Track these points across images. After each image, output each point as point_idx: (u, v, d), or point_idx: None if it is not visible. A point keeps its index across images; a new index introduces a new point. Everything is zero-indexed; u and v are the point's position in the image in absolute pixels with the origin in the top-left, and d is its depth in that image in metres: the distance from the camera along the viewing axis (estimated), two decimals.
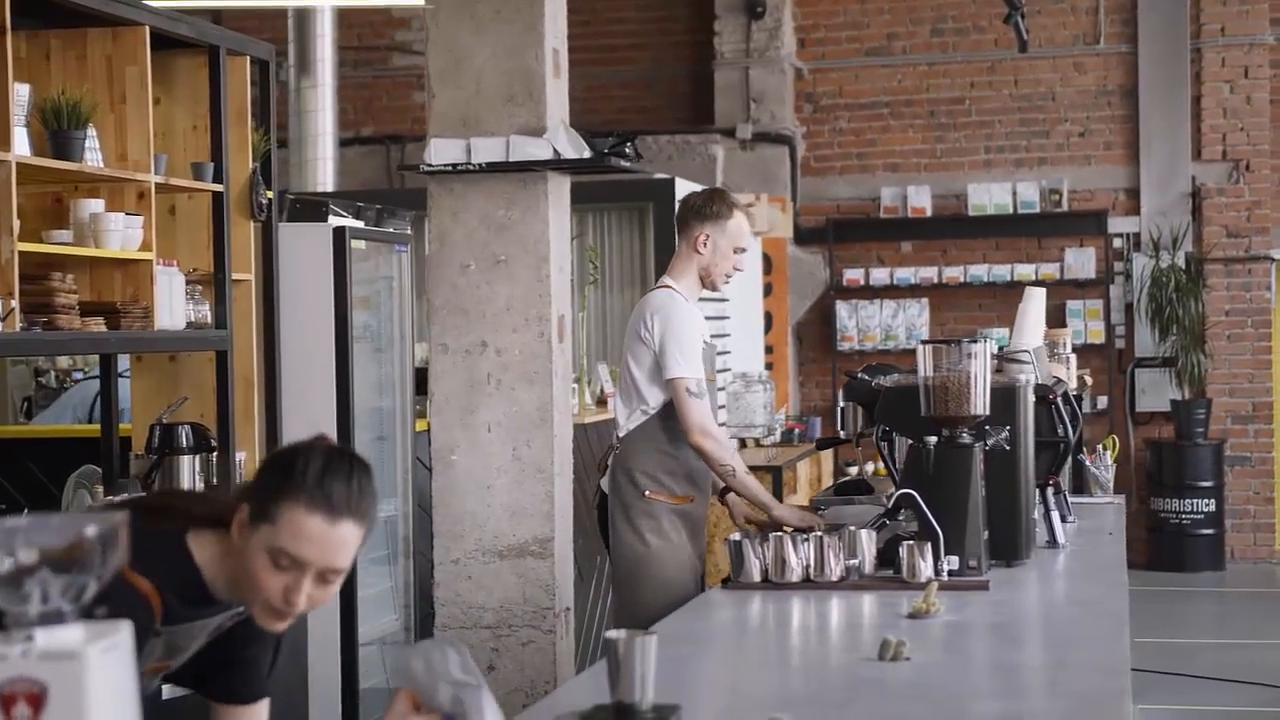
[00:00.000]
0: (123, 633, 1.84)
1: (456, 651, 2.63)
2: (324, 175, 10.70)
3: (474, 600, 5.69)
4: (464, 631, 5.63)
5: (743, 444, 10.25)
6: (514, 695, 5.53)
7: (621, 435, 5.39)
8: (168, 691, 4.71)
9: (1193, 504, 12.30)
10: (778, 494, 8.95)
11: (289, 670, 5.65)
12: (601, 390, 8.45)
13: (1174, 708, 8.24)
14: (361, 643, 6.50)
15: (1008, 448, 4.57)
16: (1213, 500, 12.32)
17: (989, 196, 12.85)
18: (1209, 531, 12.34)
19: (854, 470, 12.18)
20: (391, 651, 6.91)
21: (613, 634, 2.76)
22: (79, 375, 8.61)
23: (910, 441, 4.57)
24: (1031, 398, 4.75)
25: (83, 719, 1.77)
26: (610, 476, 5.41)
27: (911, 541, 4.27)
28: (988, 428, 4.53)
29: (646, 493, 5.27)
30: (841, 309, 13.02)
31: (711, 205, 5.39)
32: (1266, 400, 12.71)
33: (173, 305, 5.37)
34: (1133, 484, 12.68)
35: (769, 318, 12.42)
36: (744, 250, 5.44)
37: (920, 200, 12.97)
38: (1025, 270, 12.68)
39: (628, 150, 6.34)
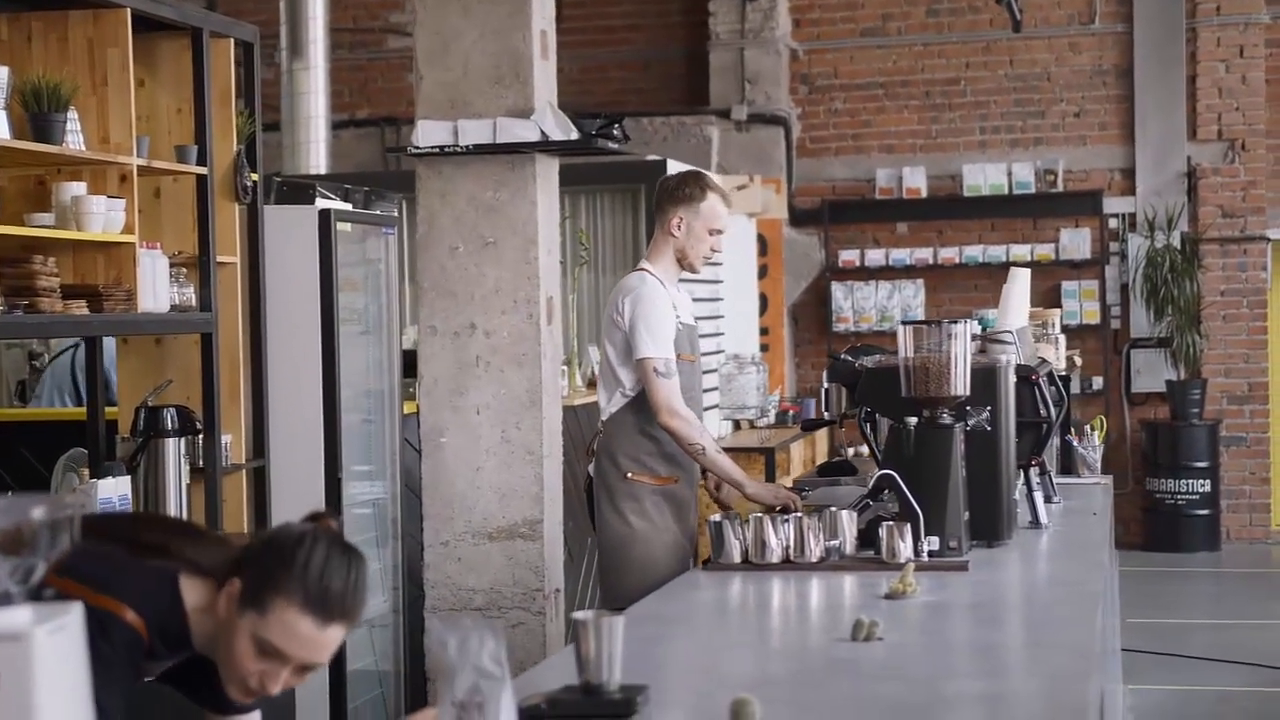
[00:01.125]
0: (72, 614, 1.84)
1: (494, 639, 2.63)
2: (316, 158, 10.69)
3: (463, 582, 5.70)
4: (453, 614, 5.64)
5: (736, 425, 10.27)
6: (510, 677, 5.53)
7: (603, 419, 5.41)
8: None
9: (1188, 484, 12.30)
10: (770, 476, 8.96)
11: None
12: (592, 372, 8.45)
13: (1167, 688, 8.25)
14: None
15: (988, 428, 4.57)
16: (1208, 481, 12.32)
17: (984, 177, 12.84)
18: (1204, 512, 12.35)
19: (849, 452, 12.19)
20: (380, 634, 6.92)
21: (580, 615, 2.77)
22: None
23: (891, 422, 4.57)
24: (1013, 378, 4.75)
25: (30, 700, 1.77)
26: (595, 459, 5.42)
27: (891, 522, 4.27)
28: (968, 408, 4.53)
29: (629, 474, 5.29)
30: (837, 290, 13.01)
31: (684, 188, 5.38)
32: (1262, 380, 12.71)
33: (156, 288, 5.37)
34: (1128, 464, 12.69)
35: (764, 299, 12.41)
36: (719, 232, 5.41)
37: (915, 181, 12.95)
38: (1020, 251, 12.67)
39: (615, 132, 6.31)
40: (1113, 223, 12.82)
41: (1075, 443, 6.54)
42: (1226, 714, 7.87)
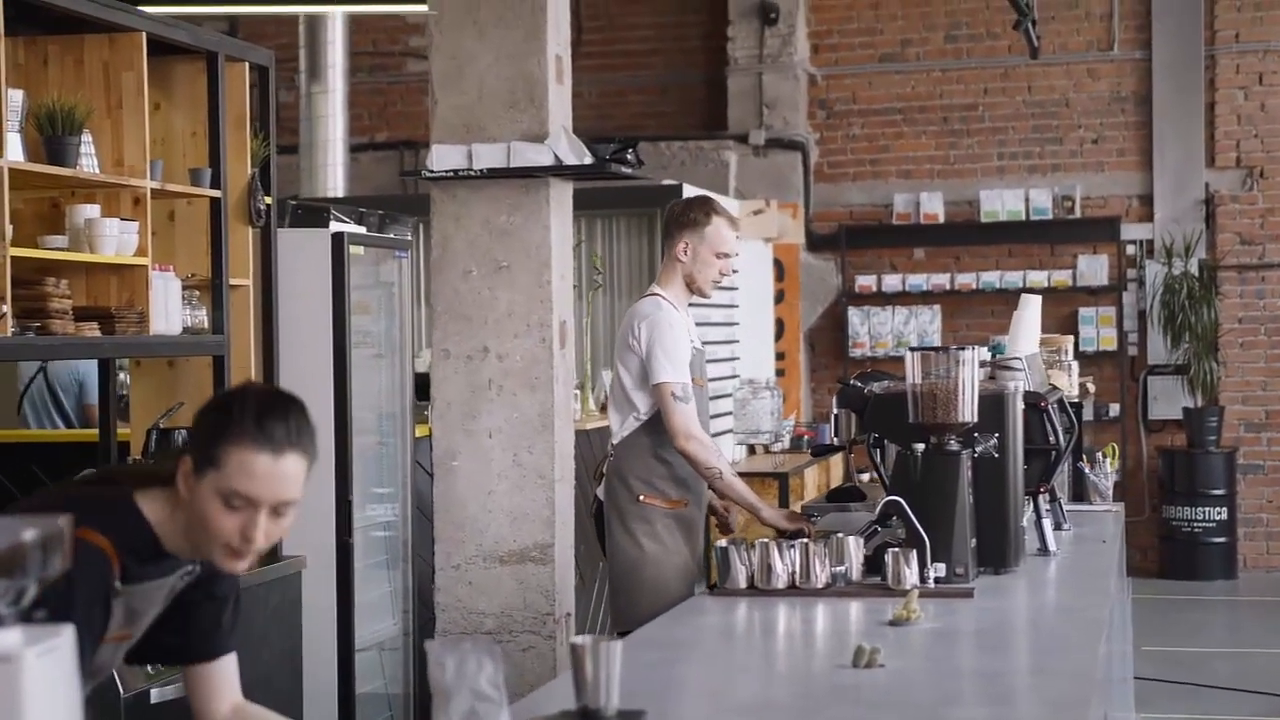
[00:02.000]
0: (62, 636, 1.85)
1: (492, 663, 2.65)
2: (334, 181, 10.73)
3: (474, 606, 5.70)
4: (452, 636, 5.64)
5: (750, 450, 10.26)
6: (514, 701, 5.54)
7: (615, 442, 5.42)
8: (157, 695, 4.75)
9: (1205, 512, 12.26)
10: (783, 501, 8.95)
11: (285, 672, 5.67)
12: (605, 396, 8.45)
13: (1183, 717, 8.21)
14: (359, 648, 6.51)
15: (996, 455, 4.56)
16: (1225, 508, 12.28)
17: (1002, 203, 12.83)
18: (1221, 540, 12.30)
19: (865, 477, 12.16)
20: (390, 657, 6.93)
21: (577, 639, 2.78)
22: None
23: (899, 448, 4.57)
24: (1021, 405, 4.74)
25: None
26: (605, 483, 5.44)
27: (897, 549, 4.27)
28: (976, 435, 4.53)
29: (640, 497, 5.31)
30: (854, 315, 13.01)
31: (689, 213, 5.42)
32: (1279, 408, 12.67)
33: (168, 310, 5.40)
34: (1145, 492, 12.65)
35: (781, 324, 12.42)
36: (727, 255, 5.43)
37: (933, 206, 12.96)
38: (1038, 277, 12.66)
39: (629, 156, 6.32)
40: (1130, 249, 12.80)
41: (1087, 470, 6.52)
42: None
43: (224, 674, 3.02)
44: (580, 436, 6.82)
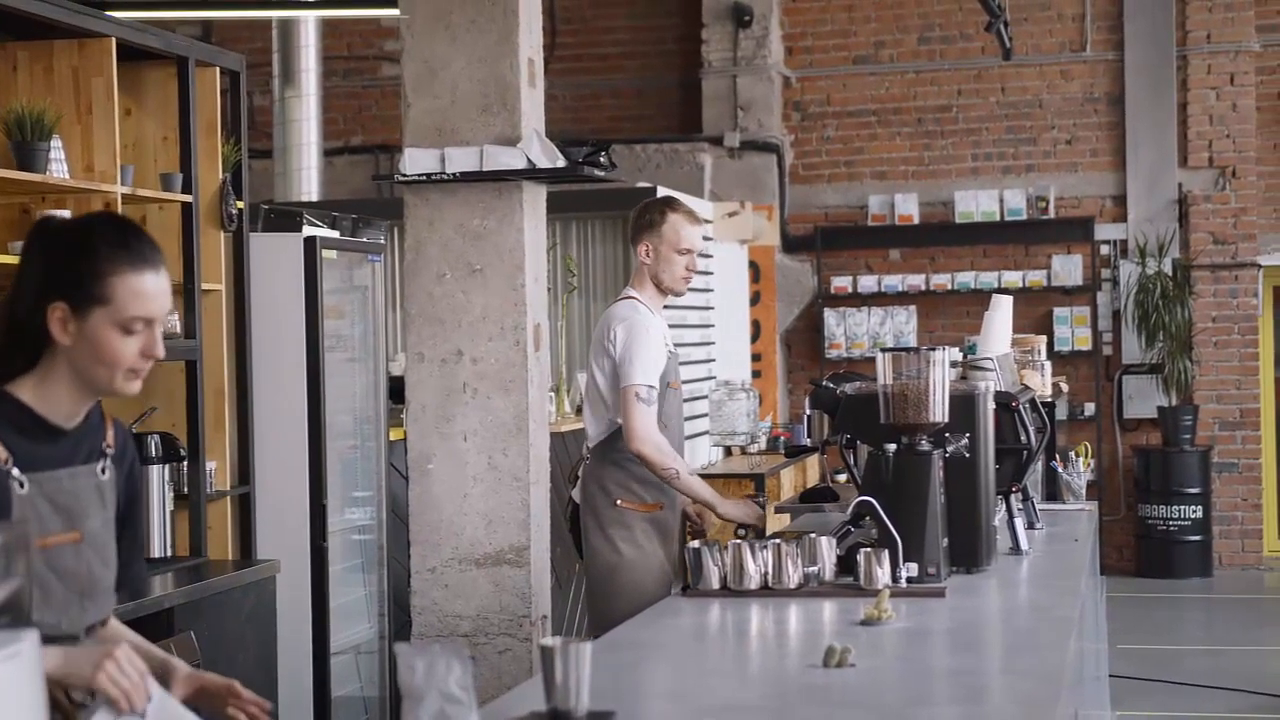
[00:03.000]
0: (26, 642, 1.85)
1: (461, 665, 2.66)
2: (308, 185, 10.72)
3: (450, 609, 5.71)
4: (440, 641, 5.63)
5: (727, 451, 10.27)
6: (488, 703, 5.54)
7: (590, 446, 5.43)
8: None
9: (1180, 510, 12.30)
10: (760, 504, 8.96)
11: (259, 677, 5.66)
12: (580, 398, 8.46)
13: (1158, 714, 8.24)
14: (335, 651, 6.51)
15: (967, 455, 4.58)
16: (1200, 507, 12.33)
17: (976, 204, 12.86)
18: (1196, 538, 12.34)
19: (843, 478, 12.18)
20: (365, 661, 6.92)
21: (546, 641, 2.79)
22: None
23: (871, 449, 4.58)
24: (992, 405, 4.76)
25: None
26: (581, 487, 5.45)
27: (869, 549, 4.28)
28: (947, 435, 4.54)
29: (618, 501, 5.33)
30: (830, 316, 13.03)
31: (646, 215, 5.47)
32: (1253, 407, 12.72)
33: None
34: (1120, 490, 12.70)
35: (757, 325, 12.43)
36: (690, 251, 5.45)
37: (908, 208, 12.99)
38: (1012, 277, 12.70)
39: (602, 159, 6.33)
40: (1104, 249, 12.84)
41: (1060, 469, 6.55)
42: None
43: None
44: (555, 439, 6.82)
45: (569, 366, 9.09)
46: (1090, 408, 12.65)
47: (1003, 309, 5.66)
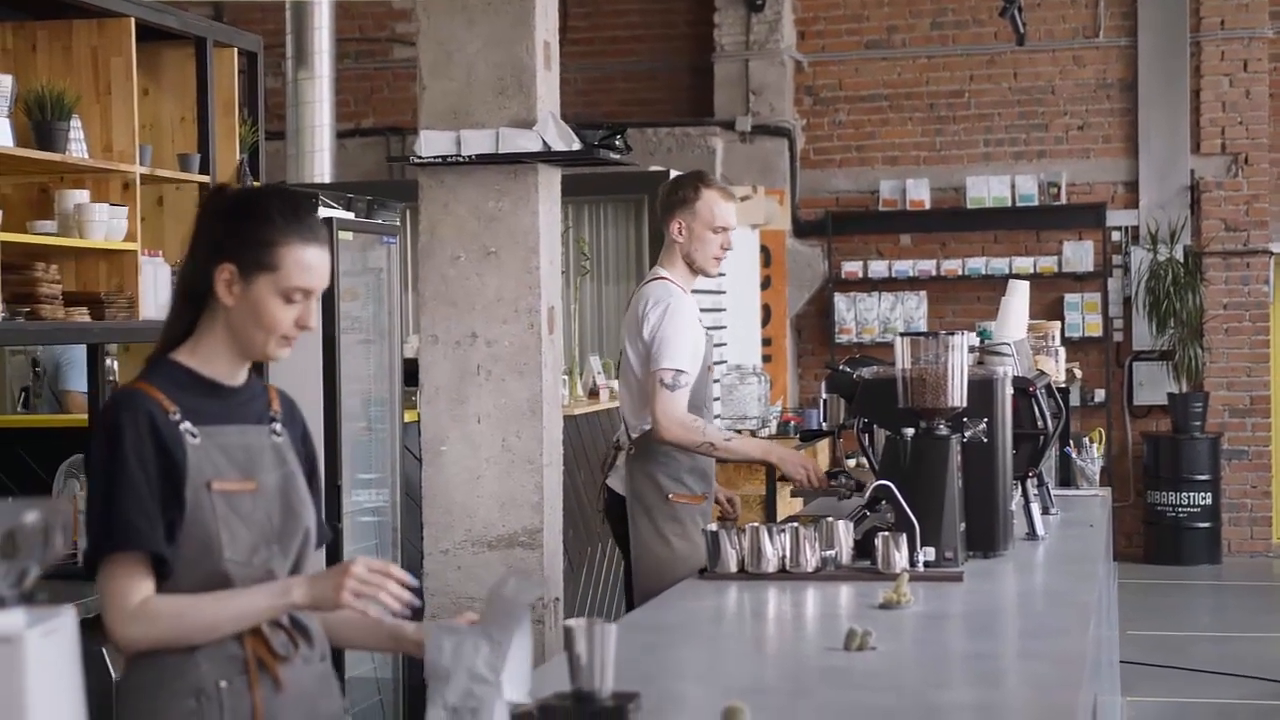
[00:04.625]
0: (64, 617, 1.86)
1: (489, 647, 2.68)
2: (320, 167, 10.71)
3: (463, 590, 5.70)
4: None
5: (738, 435, 10.27)
6: None
7: (634, 436, 5.34)
8: None
9: (1189, 497, 12.31)
10: (770, 487, 8.95)
11: None
12: (593, 382, 8.46)
13: (1168, 700, 8.25)
14: None
15: (985, 440, 4.58)
16: (1209, 494, 12.33)
17: (987, 189, 12.86)
18: (1205, 525, 12.35)
19: (851, 463, 12.18)
20: None
21: (571, 622, 2.79)
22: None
23: (888, 433, 4.58)
24: (1010, 390, 4.76)
25: (22, 703, 1.78)
26: (629, 479, 5.35)
27: (887, 533, 4.28)
28: (965, 420, 4.54)
29: (670, 496, 5.25)
30: (840, 301, 13.03)
31: (677, 191, 5.34)
32: (1264, 394, 12.72)
33: (158, 295, 5.39)
34: (1130, 477, 12.70)
35: (767, 310, 12.43)
36: (725, 229, 5.32)
37: (919, 193, 12.98)
38: (1023, 263, 12.69)
39: (617, 142, 6.32)
40: (1116, 236, 12.84)
41: (1074, 455, 6.55)
42: None
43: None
44: (568, 422, 6.82)
45: (581, 350, 9.09)
46: (1100, 394, 12.65)
47: (1019, 294, 5.66)
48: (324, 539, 3.11)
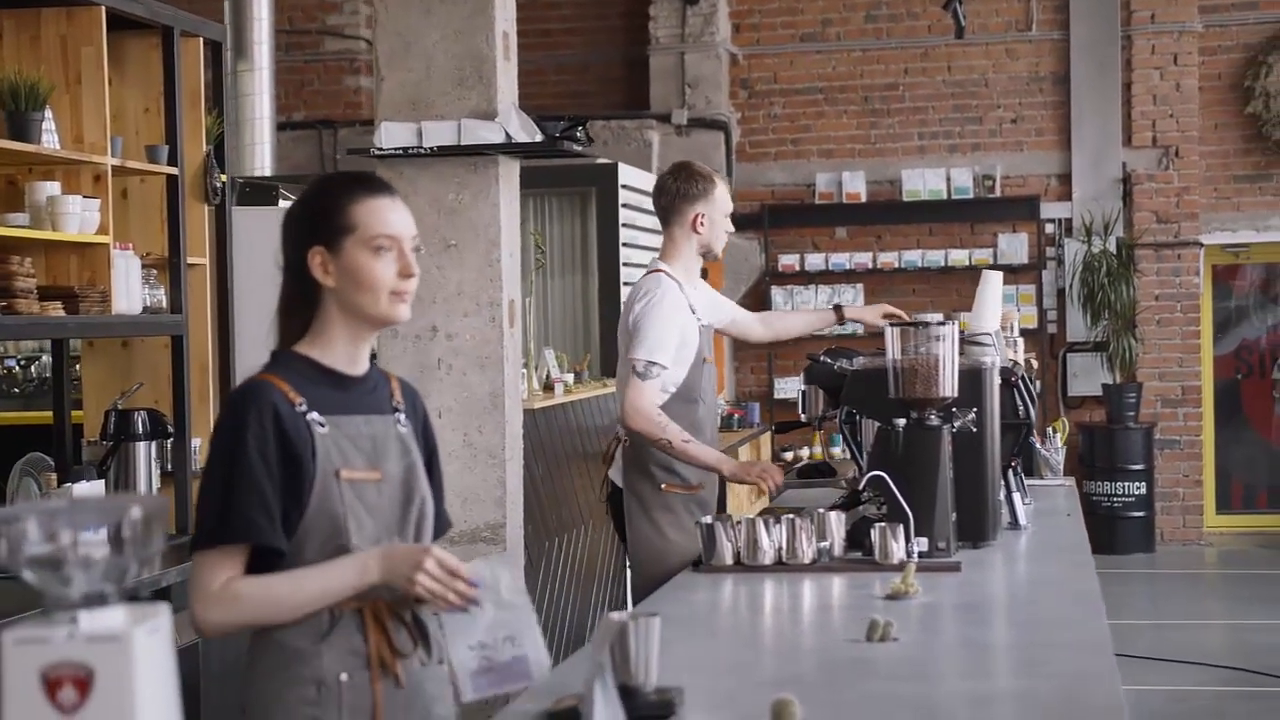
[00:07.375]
0: (162, 615, 1.82)
1: (508, 572, 2.76)
2: (261, 160, 10.59)
3: None
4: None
5: None
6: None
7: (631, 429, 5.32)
8: None
9: (1124, 487, 12.44)
10: (721, 484, 8.94)
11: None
12: (548, 375, 8.43)
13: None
14: None
15: (974, 429, 4.59)
16: (1143, 483, 12.47)
17: (923, 182, 12.92)
18: (1139, 514, 12.49)
19: (805, 454, 12.22)
20: None
21: (616, 616, 2.76)
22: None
23: (878, 424, 4.58)
24: (997, 380, 4.78)
25: (130, 701, 1.75)
26: (625, 470, 5.34)
27: (883, 524, 4.28)
28: (955, 409, 4.55)
29: (663, 486, 5.25)
30: (777, 294, 13.06)
31: (697, 184, 5.40)
32: (1195, 384, 12.87)
33: (130, 289, 5.31)
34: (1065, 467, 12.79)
35: None
36: (730, 211, 5.51)
37: (855, 186, 13.02)
38: (959, 255, 12.78)
39: (579, 135, 6.31)
40: (1049, 228, 12.95)
41: (1038, 445, 6.59)
42: (1181, 713, 7.95)
43: None
44: (527, 416, 6.79)
45: (537, 344, 9.05)
46: (1036, 385, 12.72)
47: (993, 285, 5.68)
48: (444, 528, 3.09)
